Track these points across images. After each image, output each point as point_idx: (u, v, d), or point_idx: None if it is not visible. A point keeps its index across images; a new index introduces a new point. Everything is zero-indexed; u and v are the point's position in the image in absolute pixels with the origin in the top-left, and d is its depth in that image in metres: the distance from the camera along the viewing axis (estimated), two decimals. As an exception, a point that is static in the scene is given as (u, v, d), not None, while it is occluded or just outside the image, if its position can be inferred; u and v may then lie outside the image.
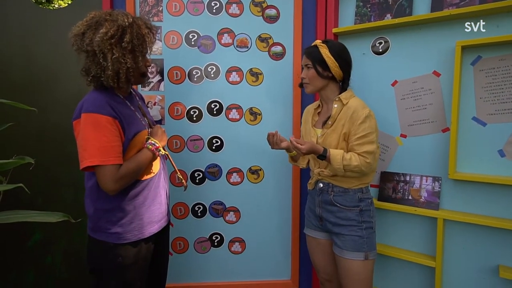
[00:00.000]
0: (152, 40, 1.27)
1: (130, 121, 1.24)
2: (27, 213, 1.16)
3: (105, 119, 1.15)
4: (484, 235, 1.49)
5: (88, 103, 1.16)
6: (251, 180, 1.94)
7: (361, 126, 1.36)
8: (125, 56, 1.18)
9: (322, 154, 1.38)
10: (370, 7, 1.72)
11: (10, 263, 1.90)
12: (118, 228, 1.25)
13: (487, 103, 1.47)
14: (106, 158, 1.14)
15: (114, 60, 1.16)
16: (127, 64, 1.19)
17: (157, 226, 1.35)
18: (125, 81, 1.22)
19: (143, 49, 1.24)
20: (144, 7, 1.84)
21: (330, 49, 1.42)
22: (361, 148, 1.36)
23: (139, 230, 1.28)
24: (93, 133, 1.14)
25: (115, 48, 1.16)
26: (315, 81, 1.45)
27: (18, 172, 1.38)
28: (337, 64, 1.41)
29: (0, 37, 1.82)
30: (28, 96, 1.83)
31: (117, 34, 1.17)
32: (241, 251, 1.97)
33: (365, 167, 1.36)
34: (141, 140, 1.28)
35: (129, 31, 1.18)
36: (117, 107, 1.21)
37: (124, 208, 1.25)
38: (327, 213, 1.47)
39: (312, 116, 1.55)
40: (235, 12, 1.87)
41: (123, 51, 1.18)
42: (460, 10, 1.45)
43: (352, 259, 1.40)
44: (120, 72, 1.18)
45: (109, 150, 1.15)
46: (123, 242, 1.25)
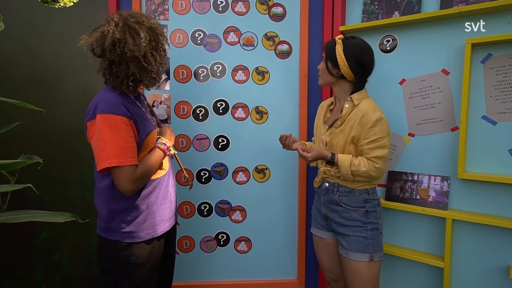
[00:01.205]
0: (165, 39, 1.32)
1: (142, 121, 1.25)
2: (36, 212, 1.17)
3: (121, 119, 1.15)
4: (494, 236, 1.47)
5: (103, 104, 1.16)
6: (257, 179, 1.94)
7: (372, 130, 1.33)
8: (162, 58, 1.27)
9: (330, 160, 1.37)
10: (378, 4, 1.70)
11: (19, 261, 1.92)
12: (132, 227, 1.26)
13: (497, 102, 1.45)
14: (123, 159, 1.14)
15: (158, 63, 1.24)
16: (163, 64, 1.28)
17: (168, 224, 1.37)
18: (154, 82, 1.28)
19: (162, 51, 1.28)
20: (150, 5, 1.83)
21: (345, 47, 1.36)
22: (371, 153, 1.34)
23: (152, 229, 1.29)
24: (110, 134, 1.13)
25: (155, 51, 1.23)
26: (324, 75, 1.44)
27: (25, 171, 1.39)
28: (347, 64, 1.36)
29: (6, 36, 1.83)
30: (34, 95, 1.84)
31: (152, 37, 1.22)
32: (247, 250, 1.97)
33: (374, 172, 1.34)
34: (152, 140, 1.29)
35: (156, 32, 1.25)
36: (130, 107, 1.22)
37: (138, 207, 1.26)
38: (332, 213, 1.46)
39: (325, 112, 1.53)
40: (241, 10, 1.86)
41: (161, 53, 1.26)
42: (470, 7, 1.43)
43: (357, 260, 1.38)
44: (160, 73, 1.27)
45: (127, 151, 1.15)
46: (137, 241, 1.26)
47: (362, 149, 1.36)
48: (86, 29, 1.83)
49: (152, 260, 1.31)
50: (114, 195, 1.23)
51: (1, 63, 1.81)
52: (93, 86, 1.87)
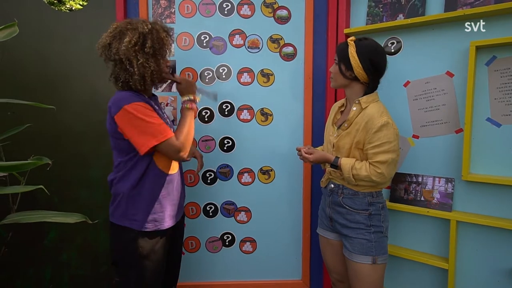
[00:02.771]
0: (170, 42, 1.37)
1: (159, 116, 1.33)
2: (46, 213, 1.19)
3: (144, 104, 1.26)
4: (499, 237, 1.47)
5: (124, 98, 1.26)
6: (262, 181, 1.95)
7: (376, 135, 1.31)
8: (149, 61, 1.28)
9: (333, 163, 1.39)
10: (382, 7, 1.71)
11: (28, 260, 1.95)
12: (142, 215, 1.33)
13: (501, 104, 1.45)
14: (164, 134, 1.25)
15: (139, 65, 1.27)
16: (151, 67, 1.29)
17: (173, 220, 1.43)
18: (150, 83, 1.32)
19: (163, 52, 1.33)
20: (156, 9, 1.86)
21: (358, 49, 1.35)
22: (374, 157, 1.33)
23: (160, 222, 1.36)
24: (142, 117, 1.24)
25: (139, 54, 1.26)
26: (337, 78, 1.44)
27: (33, 172, 1.42)
28: (361, 66, 1.35)
29: (16, 40, 1.86)
30: (43, 97, 1.86)
31: (140, 41, 1.27)
32: (252, 251, 1.98)
33: (375, 177, 1.32)
34: None
35: (150, 37, 1.28)
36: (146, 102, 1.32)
37: (154, 196, 1.34)
38: (336, 214, 1.47)
39: (335, 113, 1.54)
40: (247, 13, 1.88)
41: (146, 56, 1.27)
42: (474, 10, 1.44)
43: (360, 262, 1.38)
44: (146, 76, 1.29)
45: (164, 128, 1.26)
46: (144, 230, 1.33)
47: (367, 153, 1.36)
48: (94, 33, 1.87)
49: (157, 253, 1.36)
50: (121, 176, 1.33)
51: (12, 66, 1.85)
52: (100, 89, 1.89)
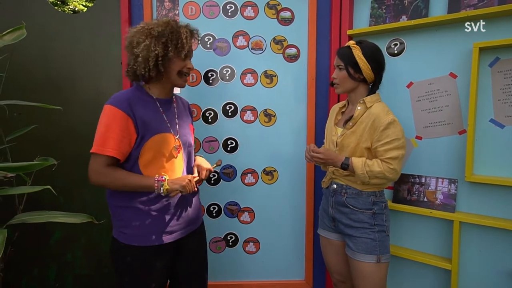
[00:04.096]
0: (189, 39, 1.30)
1: (148, 122, 1.25)
2: (53, 213, 1.21)
3: (118, 112, 1.21)
4: (502, 238, 1.48)
5: (112, 96, 1.26)
6: (265, 181, 1.96)
7: (385, 133, 1.34)
8: (156, 45, 1.23)
9: (344, 161, 1.38)
10: (385, 8, 1.71)
11: (34, 260, 1.97)
12: (127, 229, 1.27)
13: (505, 105, 1.46)
14: (103, 147, 1.19)
15: (144, 46, 1.22)
16: (156, 51, 1.22)
17: (168, 237, 1.31)
18: (155, 71, 1.24)
19: (177, 44, 1.26)
20: (161, 10, 1.88)
21: (363, 50, 1.39)
22: (385, 154, 1.35)
23: (148, 237, 1.27)
24: (102, 122, 1.22)
25: (148, 37, 1.24)
26: (345, 83, 1.44)
27: (39, 172, 1.44)
28: (369, 66, 1.39)
29: (23, 42, 1.88)
30: (48, 98, 1.87)
31: (154, 28, 1.25)
32: (255, 251, 1.99)
33: (389, 173, 1.34)
34: (160, 141, 1.28)
35: (168, 29, 1.26)
36: (137, 105, 1.25)
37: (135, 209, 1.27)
38: (340, 214, 1.47)
39: (336, 114, 1.55)
40: (250, 15, 1.89)
41: (155, 40, 1.23)
42: (477, 11, 1.44)
43: (364, 261, 1.39)
44: (149, 59, 1.23)
45: (109, 141, 1.19)
46: (132, 243, 1.26)
47: (376, 151, 1.38)
48: (99, 35, 1.89)
49: (150, 269, 1.28)
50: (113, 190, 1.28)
51: (17, 67, 1.86)
52: (105, 89, 1.91)
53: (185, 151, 1.37)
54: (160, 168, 1.28)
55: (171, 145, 1.30)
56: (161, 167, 1.28)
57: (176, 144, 1.32)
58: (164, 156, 1.29)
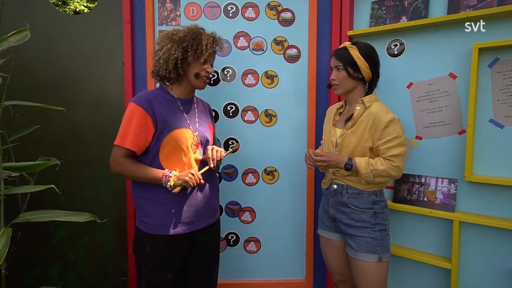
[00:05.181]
0: (209, 46, 1.38)
1: (167, 118, 1.35)
2: (56, 212, 1.22)
3: (139, 110, 1.32)
4: (501, 238, 1.48)
5: (137, 95, 1.38)
6: (266, 181, 1.98)
7: (386, 131, 1.37)
8: (176, 49, 1.35)
9: (347, 162, 1.39)
10: (386, 9, 1.72)
11: (36, 259, 1.98)
12: (147, 218, 1.37)
13: (504, 105, 1.47)
14: (123, 140, 1.31)
15: (166, 50, 1.35)
16: (175, 54, 1.34)
17: (185, 227, 1.39)
18: (174, 71, 1.36)
19: (197, 49, 1.36)
20: (162, 12, 1.89)
21: (360, 50, 1.43)
22: (387, 152, 1.37)
23: (163, 227, 1.35)
24: (125, 118, 1.34)
25: (170, 42, 1.36)
26: (345, 83, 1.46)
27: (42, 172, 1.45)
28: (367, 65, 1.43)
29: (26, 43, 1.90)
30: (51, 99, 1.89)
31: (176, 33, 1.37)
32: (256, 250, 2.01)
33: (393, 170, 1.37)
34: (179, 135, 1.36)
35: (190, 34, 1.37)
36: (157, 103, 1.36)
37: (155, 199, 1.36)
38: (340, 214, 1.48)
39: (334, 115, 1.56)
40: (251, 15, 1.90)
41: (176, 45, 1.35)
42: (476, 12, 1.45)
43: (366, 260, 1.40)
44: (169, 62, 1.35)
45: (128, 135, 1.31)
46: (152, 233, 1.35)
47: (378, 149, 1.39)
48: (101, 36, 1.91)
49: (167, 258, 1.36)
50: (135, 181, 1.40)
51: (21, 68, 1.88)
52: (107, 90, 1.93)
53: (202, 148, 1.46)
54: (178, 161, 1.37)
55: (190, 140, 1.39)
56: (179, 161, 1.37)
57: (195, 140, 1.41)
58: (182, 150, 1.37)
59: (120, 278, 1.99)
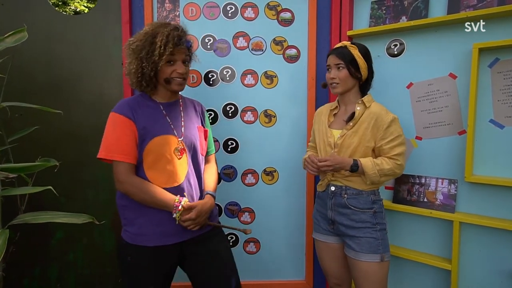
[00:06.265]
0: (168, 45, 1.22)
1: (149, 124, 1.26)
2: (54, 214, 1.22)
3: (119, 117, 1.25)
4: (502, 239, 1.48)
5: (116, 104, 1.30)
6: (265, 182, 1.97)
7: (388, 131, 1.39)
8: (133, 61, 1.26)
9: (353, 164, 1.37)
10: (385, 9, 1.72)
11: (35, 260, 1.98)
12: (129, 227, 1.29)
13: (505, 106, 1.46)
14: (110, 153, 1.23)
15: (128, 63, 1.29)
16: (133, 68, 1.26)
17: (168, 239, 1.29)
18: (137, 84, 1.28)
19: (152, 55, 1.22)
20: (161, 12, 1.88)
21: (359, 50, 1.44)
22: (391, 151, 1.39)
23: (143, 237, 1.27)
24: (108, 129, 1.26)
25: (130, 54, 1.28)
26: (346, 82, 1.45)
27: (40, 173, 1.44)
28: (366, 64, 1.44)
29: (25, 44, 1.90)
30: (50, 100, 1.89)
31: (134, 42, 1.27)
32: (255, 251, 2.00)
33: (397, 169, 1.39)
34: (160, 143, 1.27)
35: (142, 38, 1.25)
36: (139, 110, 1.27)
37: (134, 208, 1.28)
38: (340, 216, 1.47)
39: (328, 117, 1.55)
40: (250, 15, 1.89)
41: (133, 56, 1.26)
42: (476, 12, 1.45)
43: (368, 261, 1.39)
44: (132, 75, 1.28)
45: (113, 147, 1.23)
46: (133, 243, 1.27)
47: (381, 149, 1.41)
48: (100, 36, 1.90)
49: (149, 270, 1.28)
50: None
51: (20, 69, 1.88)
52: (106, 90, 1.92)
53: (189, 153, 1.35)
54: (162, 170, 1.27)
55: (173, 147, 1.29)
56: (163, 170, 1.27)
57: (179, 146, 1.30)
58: (166, 158, 1.27)
59: (119, 279, 1.99)
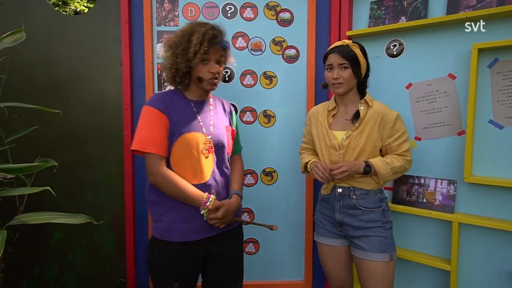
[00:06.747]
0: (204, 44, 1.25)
1: (179, 120, 1.30)
2: (52, 214, 1.22)
3: (153, 111, 1.28)
4: (501, 239, 1.48)
5: (150, 98, 1.34)
6: (265, 182, 1.97)
7: (395, 128, 1.40)
8: (170, 57, 1.30)
9: (365, 165, 1.36)
10: (385, 9, 1.72)
11: (34, 260, 1.98)
12: (157, 222, 1.33)
13: (504, 106, 1.46)
14: (143, 145, 1.26)
15: (164, 58, 1.33)
16: (168, 64, 1.31)
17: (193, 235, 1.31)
18: (171, 79, 1.33)
19: (187, 53, 1.25)
20: (160, 12, 1.88)
21: (360, 49, 1.43)
22: (400, 148, 1.41)
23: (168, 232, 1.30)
24: (141, 122, 1.30)
25: (168, 49, 1.31)
26: (350, 81, 1.42)
27: (39, 173, 1.44)
28: (366, 64, 1.44)
29: (22, 42, 1.90)
30: (49, 100, 1.89)
31: (172, 39, 1.31)
32: (255, 251, 2.00)
33: (407, 165, 1.42)
34: (189, 139, 1.29)
35: (180, 35, 1.29)
36: (171, 105, 1.31)
37: (163, 204, 1.31)
38: (349, 217, 1.43)
39: (326, 117, 1.50)
40: (249, 16, 1.89)
41: (170, 52, 1.30)
42: (476, 12, 1.45)
43: (378, 260, 1.37)
44: (167, 71, 1.32)
45: (147, 139, 1.26)
46: (159, 237, 1.31)
47: (389, 147, 1.41)
48: (100, 36, 1.90)
49: (175, 266, 1.30)
50: (150, 185, 1.34)
51: (19, 69, 1.87)
52: (106, 90, 1.92)
53: (216, 152, 1.37)
54: (189, 167, 1.30)
55: (200, 144, 1.31)
56: (190, 166, 1.30)
57: (207, 144, 1.33)
58: (193, 155, 1.30)
59: (118, 279, 1.99)
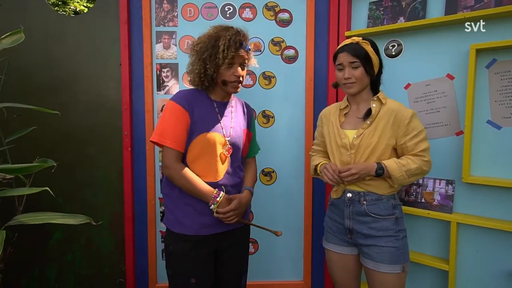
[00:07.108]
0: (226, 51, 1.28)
1: (201, 119, 1.34)
2: (51, 215, 1.22)
3: (177, 107, 1.32)
4: (499, 239, 1.48)
5: (175, 94, 1.38)
6: (263, 182, 1.97)
7: (410, 126, 1.30)
8: (196, 62, 1.34)
9: (378, 168, 1.28)
10: (383, 10, 1.72)
11: (34, 260, 1.98)
12: (170, 214, 1.38)
13: (502, 106, 1.46)
14: (162, 138, 1.30)
15: (190, 62, 1.38)
16: (196, 69, 1.34)
17: (205, 229, 1.35)
18: (199, 83, 1.36)
19: (215, 58, 1.30)
20: (159, 12, 1.88)
21: (372, 46, 1.35)
22: (416, 148, 1.30)
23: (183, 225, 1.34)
24: (164, 116, 1.33)
25: (194, 55, 1.36)
26: (363, 80, 1.34)
27: (38, 174, 1.44)
28: (379, 61, 1.37)
29: (23, 45, 1.90)
30: (48, 101, 1.89)
31: (198, 43, 1.35)
32: (253, 251, 2.00)
33: (425, 166, 1.30)
34: (208, 139, 1.33)
35: (206, 40, 1.33)
36: (195, 103, 1.35)
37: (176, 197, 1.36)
38: (359, 224, 1.34)
39: (338, 117, 1.44)
40: (248, 16, 1.90)
41: (197, 57, 1.34)
42: (474, 13, 1.45)
43: (389, 272, 1.28)
44: (194, 75, 1.36)
45: (167, 133, 1.30)
46: (174, 230, 1.35)
47: (405, 146, 1.31)
48: (99, 37, 1.90)
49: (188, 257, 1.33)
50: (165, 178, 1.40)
51: (18, 70, 1.88)
52: (104, 91, 1.92)
53: (232, 153, 1.40)
54: (204, 165, 1.34)
55: (218, 144, 1.35)
56: (205, 165, 1.34)
57: (225, 145, 1.37)
58: (209, 154, 1.34)
59: (118, 279, 1.99)
